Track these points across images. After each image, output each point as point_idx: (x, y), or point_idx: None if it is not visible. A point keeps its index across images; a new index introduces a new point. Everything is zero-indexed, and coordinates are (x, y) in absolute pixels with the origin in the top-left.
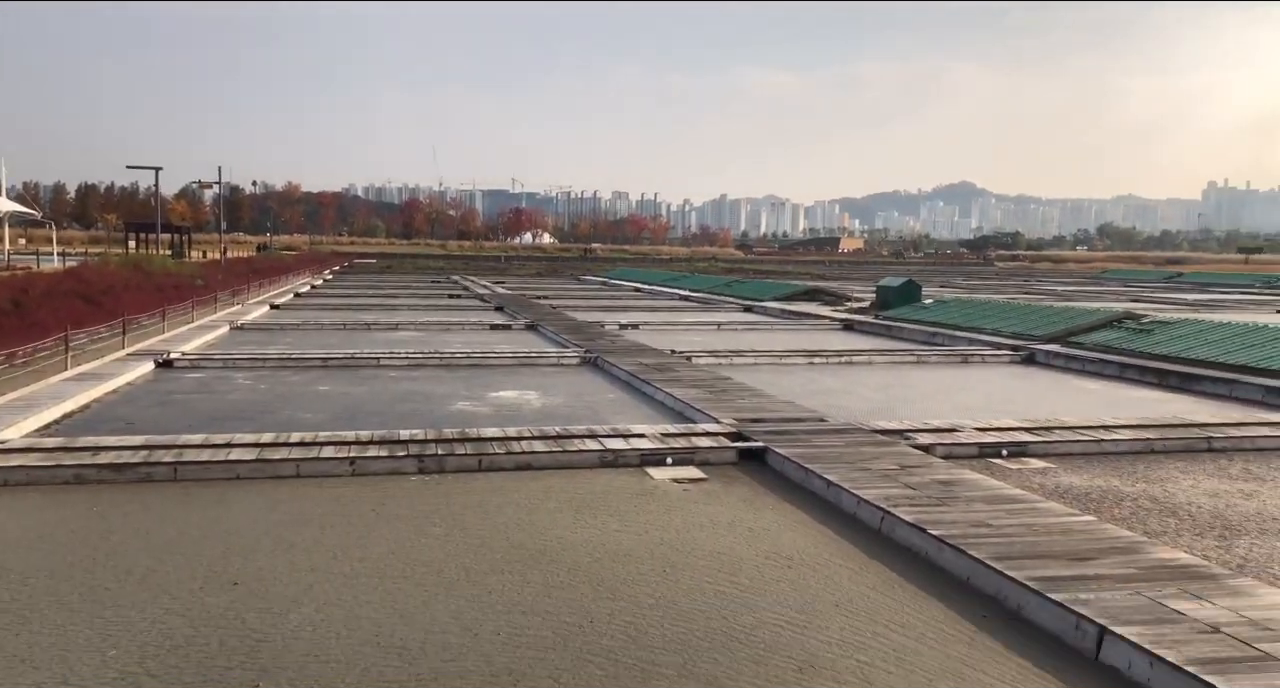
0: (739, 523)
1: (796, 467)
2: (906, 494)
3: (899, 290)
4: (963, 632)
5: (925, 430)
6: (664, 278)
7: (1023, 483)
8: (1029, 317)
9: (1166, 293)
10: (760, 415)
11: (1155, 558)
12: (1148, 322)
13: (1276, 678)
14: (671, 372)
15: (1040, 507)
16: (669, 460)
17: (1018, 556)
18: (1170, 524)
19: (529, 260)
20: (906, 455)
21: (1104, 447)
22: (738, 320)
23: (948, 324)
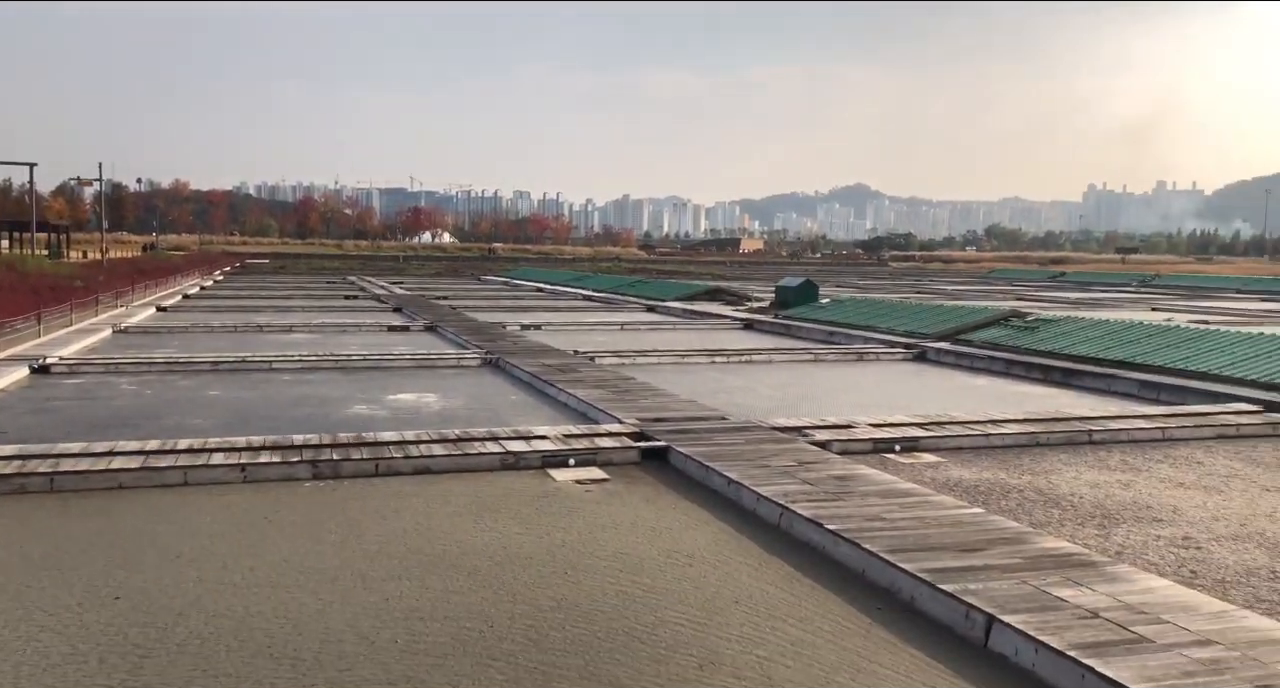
0: (641, 523)
1: (698, 465)
2: (804, 490)
3: (797, 290)
4: (859, 624)
5: (822, 427)
6: (567, 278)
7: (915, 477)
8: (921, 316)
9: (1050, 292)
10: (663, 415)
11: (1040, 548)
12: (1032, 320)
13: (1150, 659)
14: (574, 372)
15: (932, 500)
16: (571, 462)
17: (910, 548)
18: (1054, 515)
19: (428, 260)
20: (804, 452)
21: (992, 441)
22: (641, 320)
23: (844, 323)
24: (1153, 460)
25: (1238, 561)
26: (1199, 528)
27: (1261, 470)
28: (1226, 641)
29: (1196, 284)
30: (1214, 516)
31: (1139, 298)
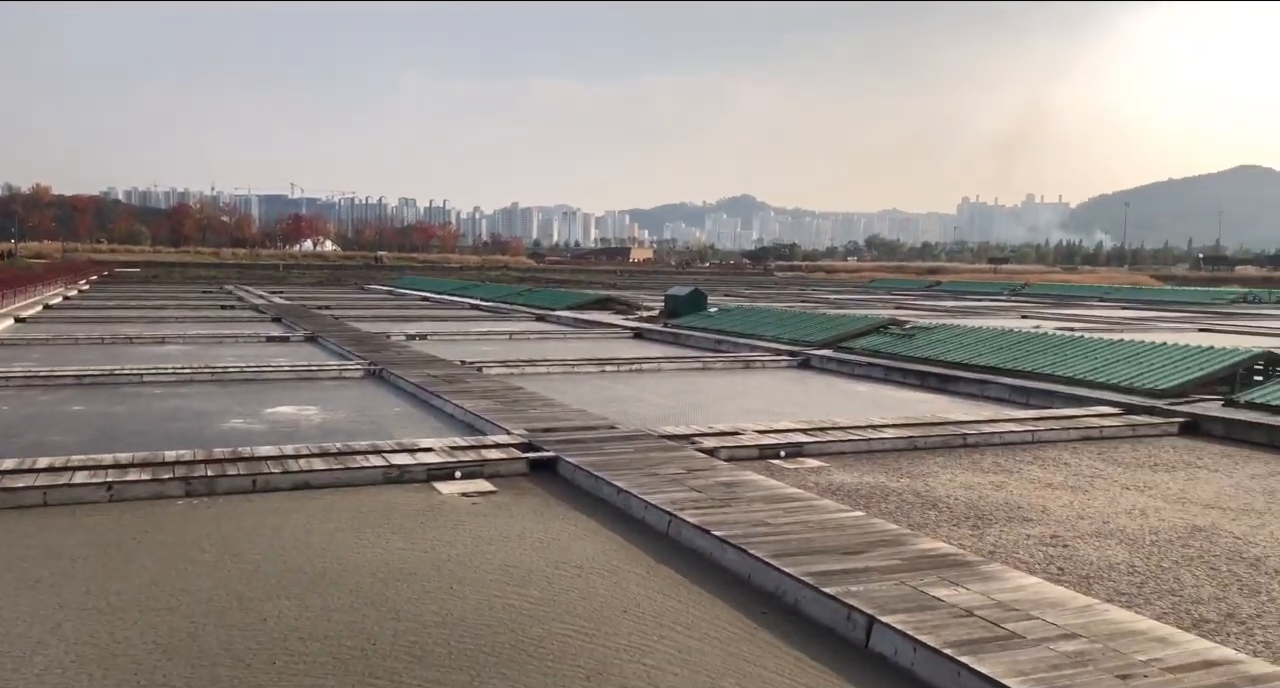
0: (529, 534)
1: (587, 475)
2: (692, 497)
3: (686, 299)
4: (744, 629)
5: (710, 434)
6: (454, 287)
7: (799, 482)
8: (805, 324)
9: (927, 300)
10: (552, 425)
11: (918, 549)
12: (910, 327)
13: (1020, 654)
14: (461, 383)
15: (815, 504)
16: (457, 474)
17: (795, 552)
18: (931, 516)
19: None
20: (693, 459)
21: (872, 445)
22: (530, 329)
23: (731, 331)
24: (1023, 462)
25: (1100, 557)
26: (1065, 526)
27: (1122, 470)
28: (1090, 634)
29: (1063, 293)
30: (1079, 514)
31: (1010, 306)
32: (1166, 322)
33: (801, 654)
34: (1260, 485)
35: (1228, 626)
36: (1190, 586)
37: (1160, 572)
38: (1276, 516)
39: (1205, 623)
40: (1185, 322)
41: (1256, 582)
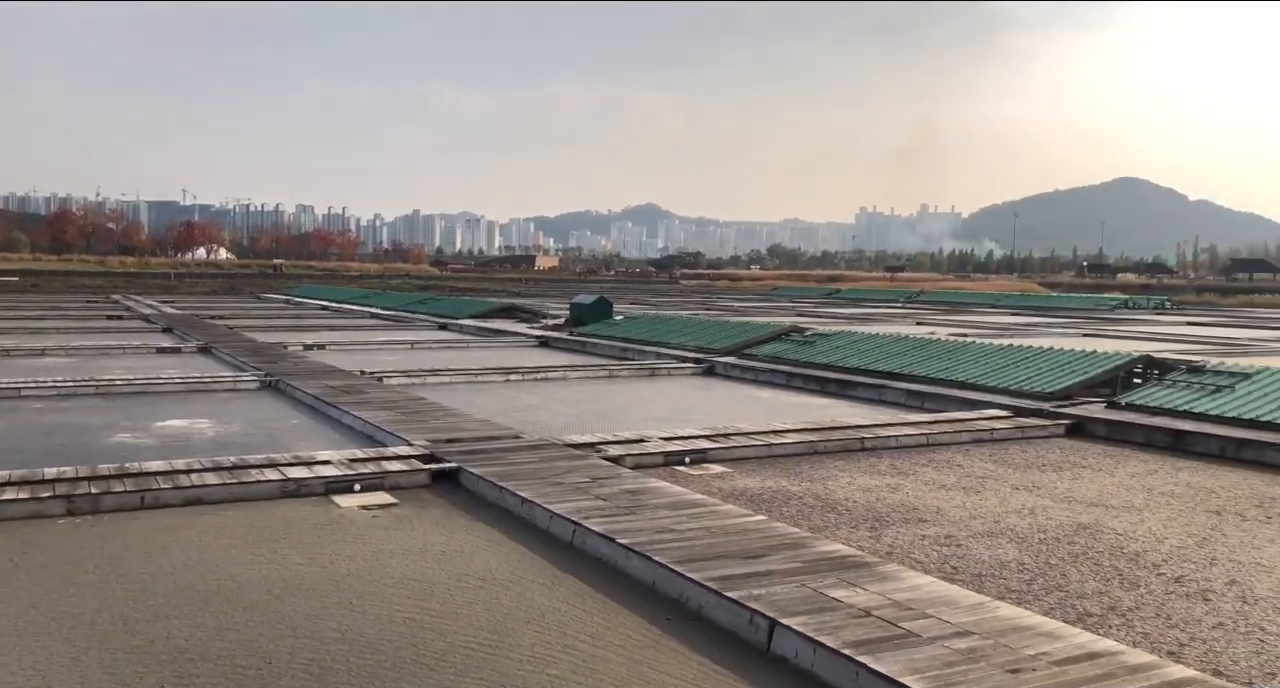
0: (431, 547)
1: (491, 485)
2: (597, 506)
3: (592, 307)
4: (649, 636)
5: (615, 443)
6: (354, 295)
7: (704, 488)
8: (709, 331)
9: (827, 308)
10: (455, 435)
11: (818, 551)
12: (810, 334)
13: (915, 653)
14: (361, 393)
15: (719, 510)
16: (357, 487)
17: (698, 558)
18: (831, 519)
19: (203, 277)
20: (598, 467)
21: (774, 450)
22: (432, 339)
23: (637, 339)
24: (918, 464)
25: (992, 555)
26: (959, 526)
27: (1012, 471)
28: (982, 630)
29: (956, 300)
30: (971, 514)
31: (906, 313)
32: (1053, 327)
33: (705, 659)
34: (1140, 483)
35: (1110, 618)
36: (1075, 581)
37: (1048, 568)
38: (1154, 512)
39: (1089, 617)
40: (1071, 327)
41: (1136, 576)
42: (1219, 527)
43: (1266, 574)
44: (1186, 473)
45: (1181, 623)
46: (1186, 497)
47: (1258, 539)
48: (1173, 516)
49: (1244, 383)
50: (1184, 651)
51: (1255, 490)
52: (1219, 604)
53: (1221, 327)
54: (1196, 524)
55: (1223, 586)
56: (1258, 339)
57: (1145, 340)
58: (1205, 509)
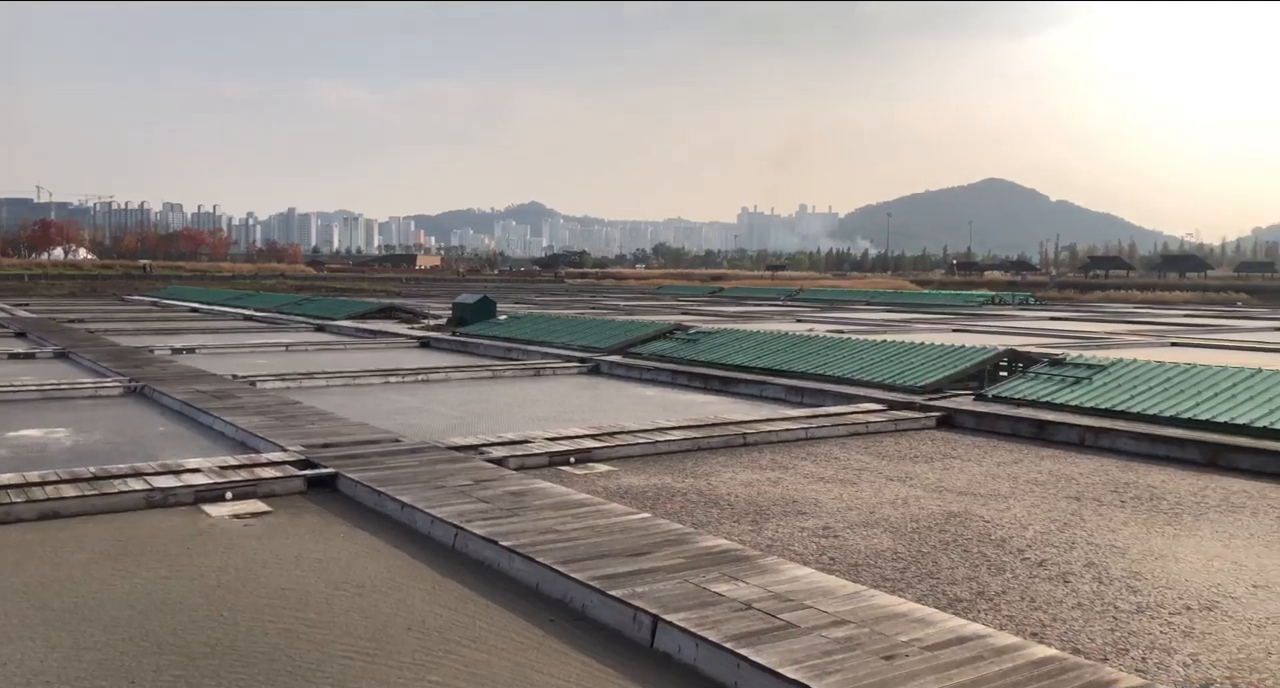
0: (306, 555)
1: (369, 491)
2: (480, 509)
3: (475, 307)
4: (532, 638)
5: (499, 444)
6: (226, 297)
7: (588, 487)
8: (594, 330)
9: (711, 306)
10: (332, 440)
11: (701, 546)
12: (694, 332)
13: (794, 643)
14: (233, 398)
15: (603, 509)
16: (228, 495)
17: (582, 557)
18: (714, 514)
19: (62, 279)
20: (481, 470)
21: (659, 447)
22: (309, 341)
23: (522, 339)
24: (798, 458)
25: (867, 545)
26: (836, 518)
27: (886, 462)
28: (858, 619)
29: (834, 297)
30: (848, 506)
31: (787, 310)
32: (925, 323)
33: (589, 659)
34: (1005, 472)
35: (978, 603)
36: (946, 568)
37: (920, 557)
38: (1019, 499)
39: (959, 602)
40: (942, 323)
41: (1002, 561)
42: (1078, 512)
43: (1120, 556)
44: (1049, 461)
45: (1044, 605)
46: (1049, 484)
47: (1113, 523)
48: (1036, 502)
49: (1100, 375)
50: (1046, 631)
51: (1111, 477)
52: (1078, 586)
53: (1081, 321)
54: (1058, 510)
55: (1081, 568)
56: (1113, 332)
57: (1011, 335)
58: (1066, 496)
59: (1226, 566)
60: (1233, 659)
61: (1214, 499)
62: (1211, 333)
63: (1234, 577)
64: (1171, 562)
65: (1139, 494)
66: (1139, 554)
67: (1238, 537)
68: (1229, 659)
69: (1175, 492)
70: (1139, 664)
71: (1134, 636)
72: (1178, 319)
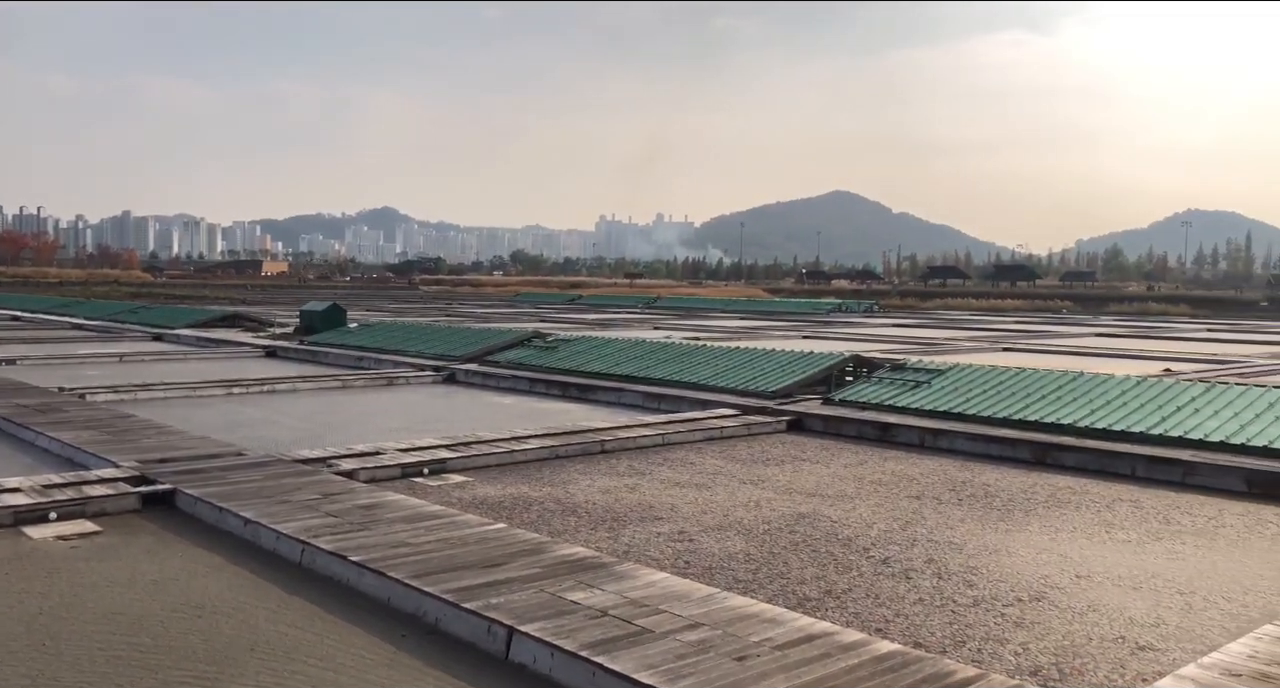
0: (140, 577)
1: (210, 507)
2: (328, 523)
3: (324, 315)
4: (383, 655)
5: (349, 456)
6: (52, 304)
7: (443, 499)
8: (450, 338)
9: (569, 313)
10: (169, 455)
11: (558, 555)
12: (552, 340)
13: (650, 649)
14: (59, 412)
15: (458, 520)
16: (53, 516)
17: (436, 570)
18: (571, 522)
19: None
20: (330, 483)
21: (515, 457)
22: (145, 351)
23: (374, 348)
24: (655, 464)
25: (721, 548)
26: (691, 522)
27: (739, 466)
28: (712, 621)
29: (690, 305)
30: (703, 510)
31: (644, 318)
32: (777, 330)
33: (442, 673)
34: (851, 473)
35: (826, 602)
36: (796, 568)
37: (772, 558)
38: (865, 500)
39: (808, 601)
40: (793, 330)
41: (849, 559)
42: (919, 511)
43: (958, 552)
44: (892, 462)
45: (888, 601)
46: (892, 484)
47: (950, 520)
48: (880, 502)
49: (939, 379)
50: (889, 627)
51: (949, 476)
52: (919, 582)
53: (921, 328)
54: (900, 509)
55: (922, 564)
56: (951, 338)
57: (856, 341)
58: (907, 495)
59: (1053, 558)
60: (1058, 646)
61: (1042, 496)
62: (1040, 338)
63: (1060, 568)
64: (1004, 556)
65: (975, 492)
66: (975, 550)
67: (1063, 530)
68: (1055, 647)
69: (1008, 489)
70: (975, 656)
71: (970, 628)
72: (1009, 325)
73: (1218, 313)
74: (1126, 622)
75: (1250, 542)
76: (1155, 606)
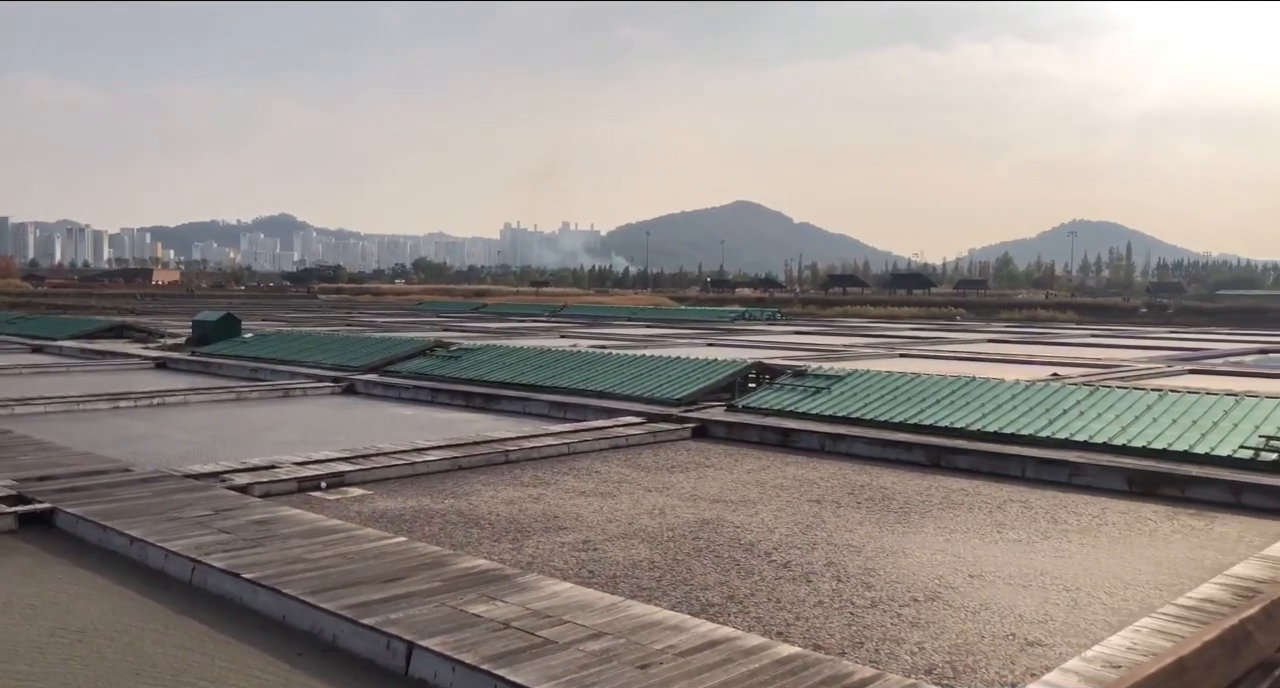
0: (16, 601)
1: (94, 526)
2: (221, 540)
3: (218, 325)
4: (278, 674)
5: (243, 470)
6: None
7: (341, 513)
8: (350, 348)
9: (474, 322)
10: (49, 472)
11: (459, 568)
12: (455, 348)
13: (552, 660)
14: None
15: (356, 534)
16: None
17: (333, 586)
18: (474, 534)
19: None
20: (222, 499)
21: (417, 469)
22: (24, 363)
23: (270, 358)
24: (560, 473)
25: (626, 556)
26: (596, 531)
27: (645, 474)
28: (615, 630)
29: (596, 313)
30: (608, 518)
31: (551, 326)
32: (683, 338)
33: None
34: (754, 478)
35: (729, 607)
36: (700, 574)
37: (675, 565)
38: (767, 504)
39: (712, 606)
40: (698, 337)
41: (751, 564)
42: (819, 515)
43: (856, 554)
44: (793, 467)
45: (789, 605)
46: (793, 489)
47: (849, 523)
48: (782, 506)
49: (838, 385)
50: (790, 630)
51: (848, 479)
52: (819, 585)
53: (822, 335)
54: (801, 513)
55: (822, 567)
56: (850, 345)
57: (759, 349)
58: (808, 499)
59: (948, 559)
60: (952, 645)
61: (937, 497)
62: (935, 344)
63: (954, 568)
64: (901, 557)
65: (873, 495)
66: (873, 552)
67: (957, 531)
68: (949, 645)
69: (904, 492)
70: (872, 656)
71: (868, 629)
72: (906, 332)
73: (1101, 319)
74: (1016, 619)
75: (1130, 539)
76: (1043, 602)
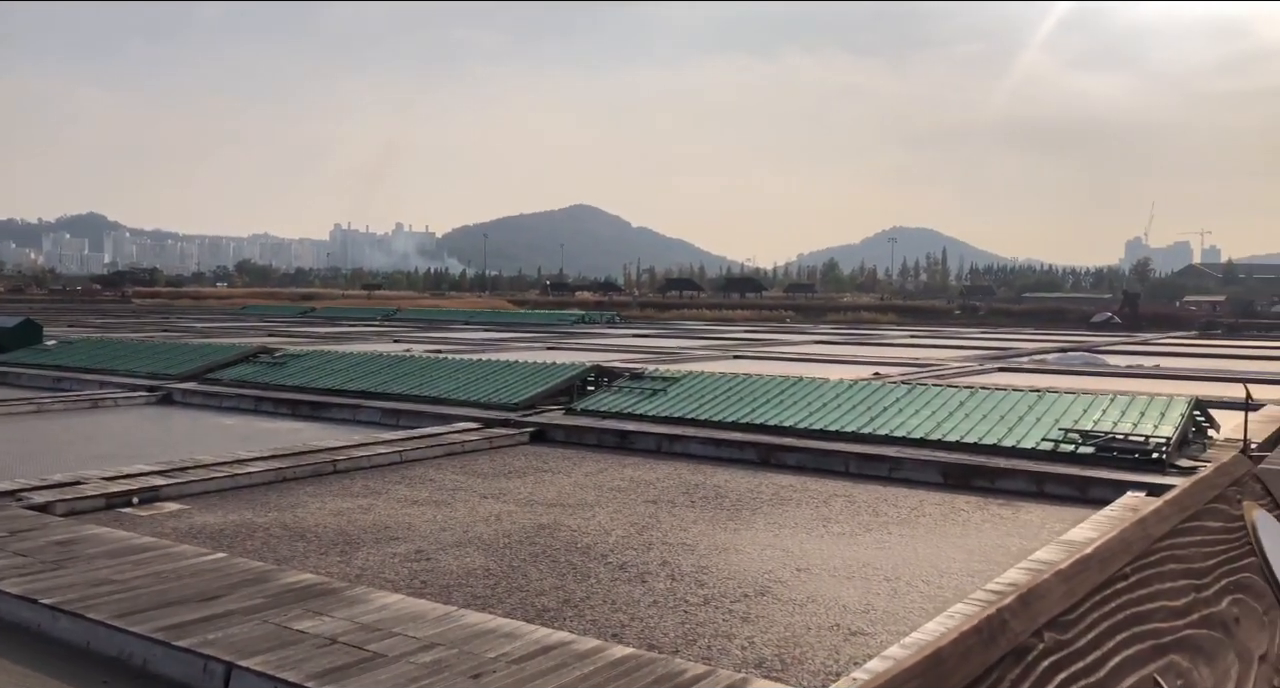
0: None
1: None
2: (16, 564)
3: (15, 331)
4: None
5: (43, 487)
6: None
7: (155, 530)
8: (166, 355)
9: (302, 327)
10: None
11: (283, 583)
12: (281, 355)
13: (382, 674)
14: None
15: (172, 552)
16: None
17: (144, 608)
18: (299, 548)
19: None
20: (19, 519)
21: (239, 481)
22: None
23: (76, 367)
24: (392, 482)
25: (460, 565)
26: (429, 540)
27: (481, 481)
28: (447, 641)
29: (432, 317)
30: (442, 527)
31: (383, 331)
32: (522, 342)
33: None
34: (592, 481)
35: (565, 611)
36: (535, 579)
37: (511, 571)
38: (604, 507)
39: (547, 612)
40: (537, 341)
41: (587, 567)
42: (655, 515)
43: (690, 553)
44: (630, 469)
45: (624, 606)
46: (630, 490)
47: (684, 522)
48: (619, 508)
49: (674, 386)
50: (625, 631)
51: (683, 479)
52: (654, 585)
53: (659, 337)
54: (637, 514)
55: (657, 567)
56: (686, 347)
57: (598, 352)
58: (645, 500)
59: (777, 554)
60: (780, 638)
61: (767, 494)
62: (767, 346)
63: (782, 563)
64: (733, 554)
65: (707, 494)
66: (706, 550)
67: (786, 526)
68: (778, 638)
69: (737, 490)
70: (705, 653)
71: (701, 626)
72: (740, 334)
73: (920, 321)
74: (841, 610)
75: (945, 529)
76: (866, 593)
